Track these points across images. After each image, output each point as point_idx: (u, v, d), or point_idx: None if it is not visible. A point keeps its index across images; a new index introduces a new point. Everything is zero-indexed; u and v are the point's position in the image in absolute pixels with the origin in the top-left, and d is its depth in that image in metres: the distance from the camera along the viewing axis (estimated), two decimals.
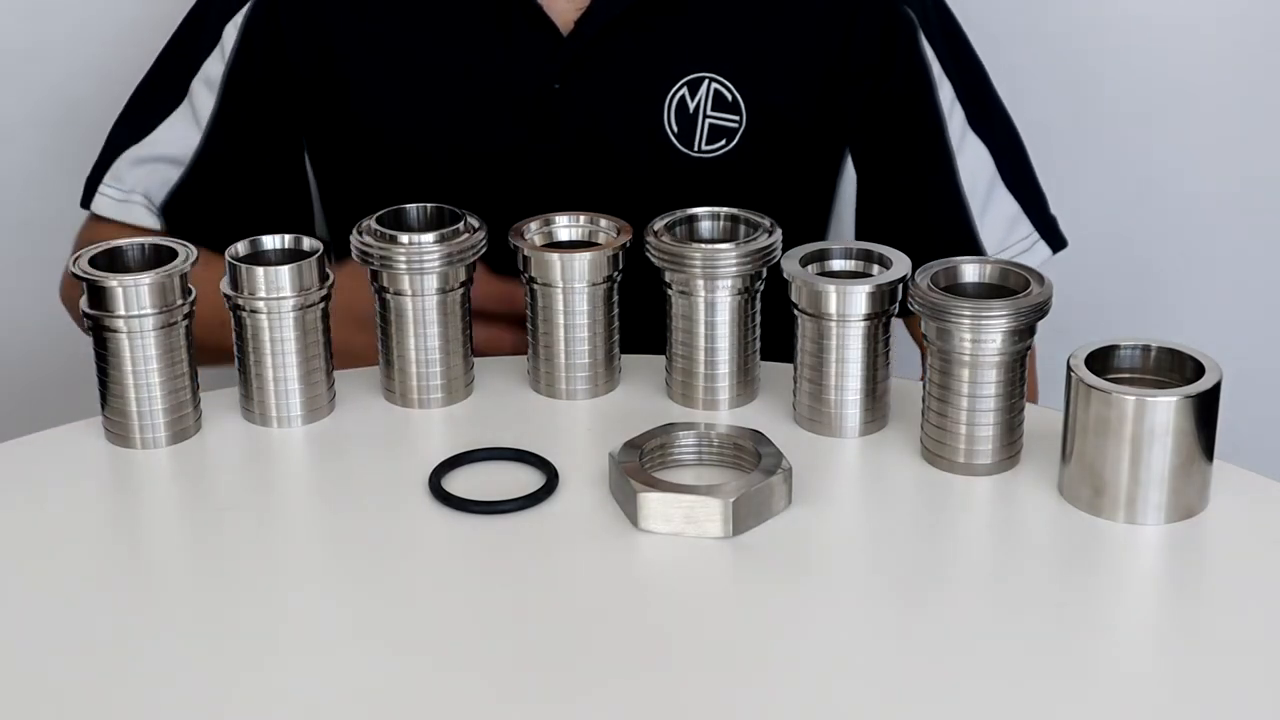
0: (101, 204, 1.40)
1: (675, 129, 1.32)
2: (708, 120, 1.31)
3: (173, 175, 1.39)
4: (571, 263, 1.12)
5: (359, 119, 1.37)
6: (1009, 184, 1.38)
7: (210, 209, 1.39)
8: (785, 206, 1.35)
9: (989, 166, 1.37)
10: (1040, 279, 1.04)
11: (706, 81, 1.31)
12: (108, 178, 1.40)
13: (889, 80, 1.34)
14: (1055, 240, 1.40)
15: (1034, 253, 1.39)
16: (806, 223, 1.38)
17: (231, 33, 1.37)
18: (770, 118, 1.33)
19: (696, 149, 1.32)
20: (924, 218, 1.36)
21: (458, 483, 1.05)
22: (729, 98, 1.31)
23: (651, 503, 0.99)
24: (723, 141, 1.32)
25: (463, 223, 1.13)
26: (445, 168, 1.35)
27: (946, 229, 1.36)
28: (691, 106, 1.31)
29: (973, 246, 1.36)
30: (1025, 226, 1.38)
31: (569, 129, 1.33)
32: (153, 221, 1.39)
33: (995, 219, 1.37)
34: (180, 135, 1.39)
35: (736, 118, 1.31)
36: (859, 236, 1.38)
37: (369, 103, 1.36)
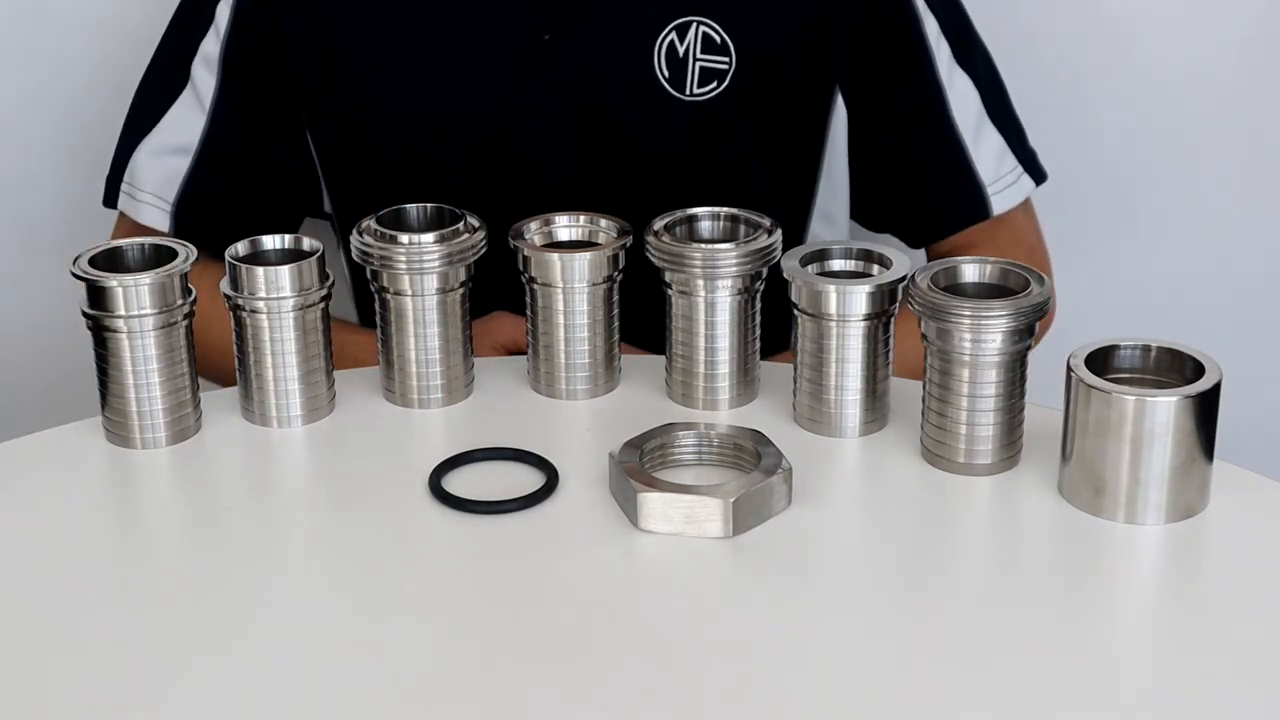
0: (123, 201, 1.42)
1: (666, 73, 1.33)
2: (698, 63, 1.33)
3: (182, 165, 1.40)
4: (571, 263, 1.12)
5: (353, 82, 1.38)
6: (993, 118, 1.40)
7: (217, 197, 1.40)
8: (778, 147, 1.36)
9: (976, 101, 1.39)
10: (1040, 279, 1.04)
11: (695, 25, 1.32)
12: (125, 175, 1.42)
13: (875, 16, 1.36)
14: (1037, 173, 1.43)
15: (1019, 186, 1.42)
16: (799, 163, 1.39)
17: (225, 11, 1.38)
18: (759, 58, 1.34)
19: (688, 92, 1.33)
20: (920, 152, 1.38)
21: (458, 483, 1.05)
22: (718, 40, 1.32)
23: (651, 503, 0.99)
24: (714, 84, 1.33)
25: (463, 223, 1.13)
26: (439, 124, 1.36)
27: (944, 162, 1.38)
28: (681, 50, 1.33)
29: (970, 179, 1.39)
30: (1010, 160, 1.41)
31: (561, 79, 1.34)
32: (163, 221, 1.40)
33: (985, 153, 1.39)
34: (187, 120, 1.40)
35: (726, 59, 1.33)
36: (853, 175, 1.40)
37: (362, 65, 1.37)
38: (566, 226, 1.16)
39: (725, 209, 1.14)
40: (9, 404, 1.78)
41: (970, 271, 1.06)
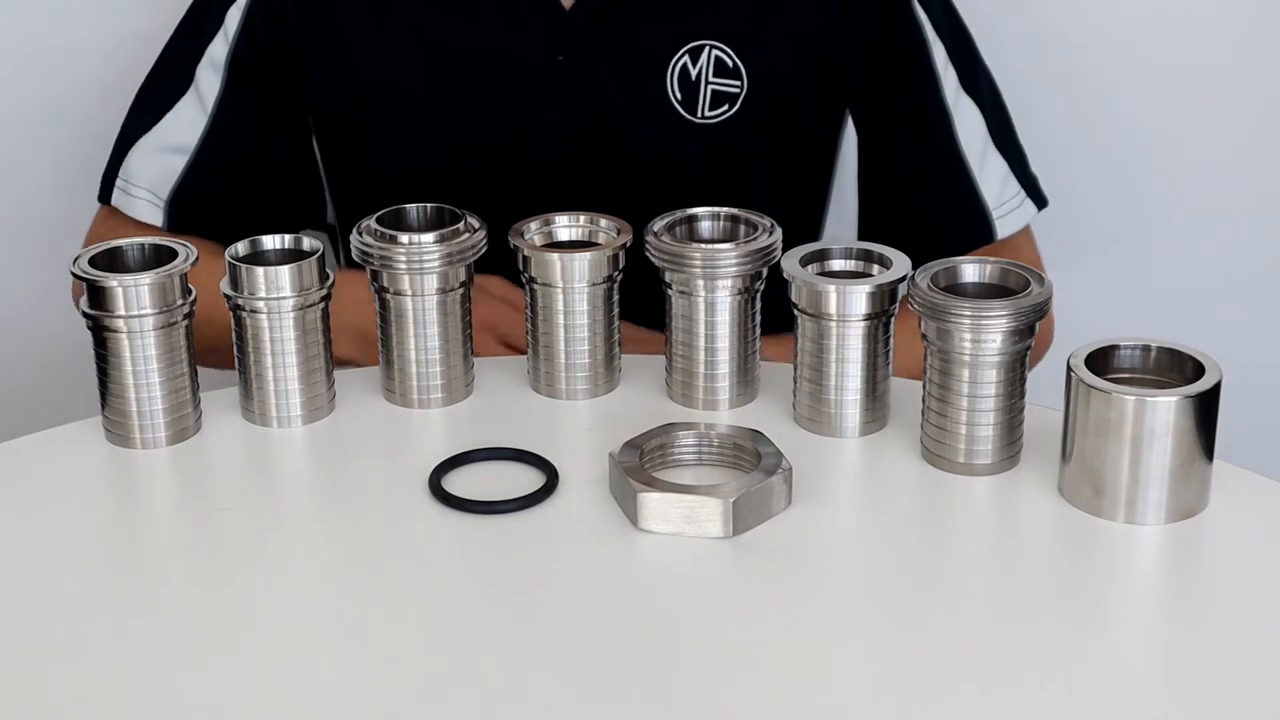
0: (116, 197, 1.42)
1: (679, 96, 1.34)
2: (710, 86, 1.34)
3: (179, 164, 1.40)
4: (571, 263, 1.12)
5: (365, 96, 1.38)
6: (997, 144, 1.42)
7: (215, 200, 1.40)
8: (787, 170, 1.37)
9: (981, 127, 1.41)
10: (1040, 279, 1.04)
11: (707, 49, 1.33)
12: (120, 171, 1.42)
13: (885, 42, 1.37)
14: (1038, 198, 1.45)
15: (1022, 211, 1.43)
16: (808, 186, 1.40)
17: (235, 15, 1.38)
18: (770, 81, 1.35)
19: (700, 115, 1.34)
20: (926, 176, 1.40)
21: (458, 483, 1.05)
22: (729, 64, 1.33)
23: (651, 503, 0.99)
24: (725, 106, 1.34)
25: (463, 223, 1.13)
26: (448, 139, 1.37)
27: (949, 187, 1.39)
28: (694, 74, 1.33)
29: (976, 203, 1.40)
30: (1014, 185, 1.43)
31: (574, 100, 1.34)
32: (156, 215, 1.40)
33: (990, 178, 1.41)
34: (188, 121, 1.40)
35: (738, 83, 1.34)
36: (862, 198, 1.41)
37: (375, 79, 1.37)
38: (566, 226, 1.16)
39: (725, 209, 1.14)
40: (9, 404, 1.78)
41: (970, 271, 1.06)
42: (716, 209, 1.14)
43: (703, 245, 1.10)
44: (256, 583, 0.97)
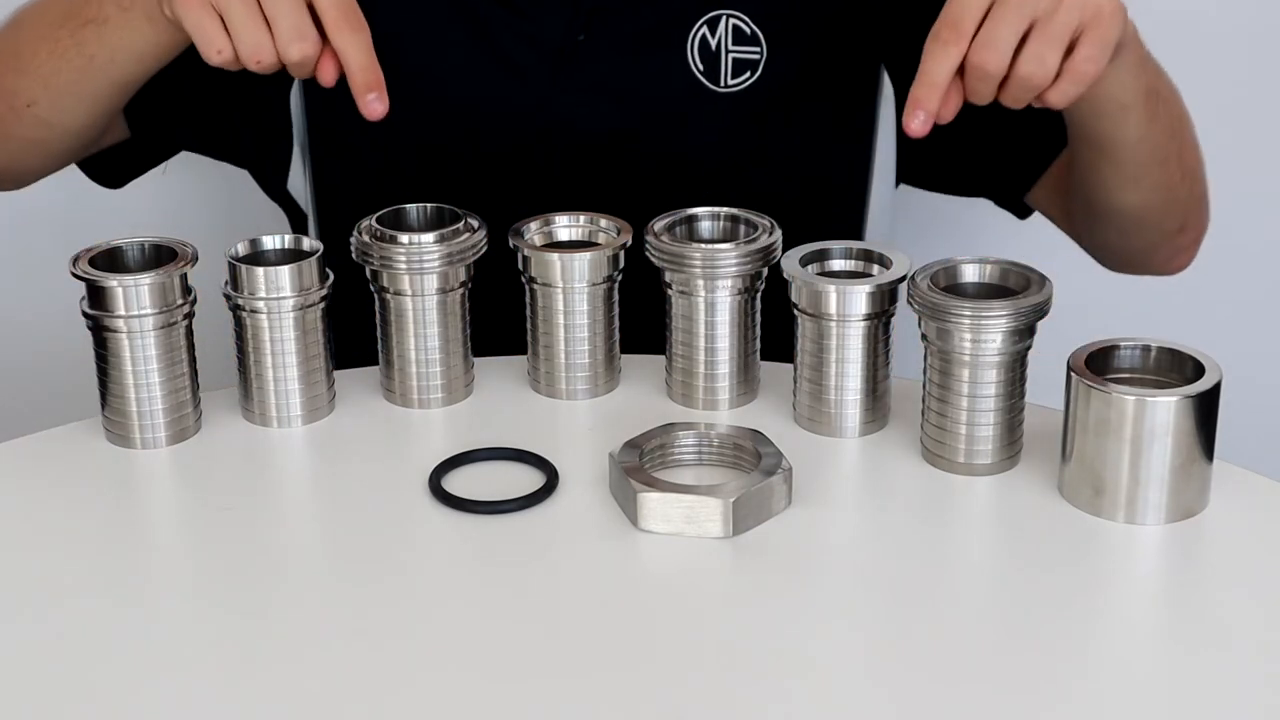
0: None
1: (701, 67, 1.33)
2: (730, 55, 1.33)
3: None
4: (571, 263, 1.12)
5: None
6: None
7: (168, 84, 1.34)
8: (823, 131, 1.36)
9: None
10: (1041, 279, 1.04)
11: (724, 18, 1.33)
12: None
13: None
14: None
15: None
16: (849, 146, 1.38)
17: None
18: (790, 45, 1.34)
19: (723, 84, 1.34)
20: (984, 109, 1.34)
21: (458, 483, 1.05)
22: (747, 31, 1.33)
23: (651, 503, 0.99)
24: (747, 74, 1.34)
25: (462, 223, 1.13)
26: (466, 123, 1.35)
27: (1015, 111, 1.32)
28: (713, 44, 1.33)
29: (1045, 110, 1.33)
30: None
31: (596, 78, 1.34)
32: None
33: None
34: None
35: (757, 49, 1.34)
36: (902, 146, 1.37)
37: (386, 58, 1.35)
38: (566, 226, 1.16)
39: (725, 209, 1.14)
40: (9, 404, 1.78)
41: (970, 271, 1.06)
42: (716, 209, 1.14)
43: (703, 245, 1.10)
44: (256, 583, 0.97)
